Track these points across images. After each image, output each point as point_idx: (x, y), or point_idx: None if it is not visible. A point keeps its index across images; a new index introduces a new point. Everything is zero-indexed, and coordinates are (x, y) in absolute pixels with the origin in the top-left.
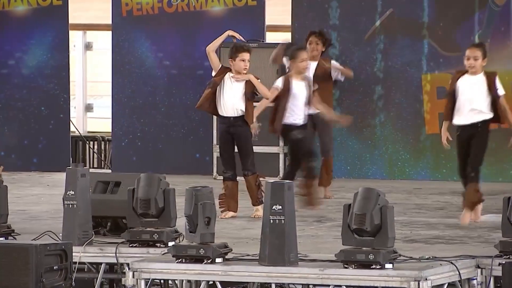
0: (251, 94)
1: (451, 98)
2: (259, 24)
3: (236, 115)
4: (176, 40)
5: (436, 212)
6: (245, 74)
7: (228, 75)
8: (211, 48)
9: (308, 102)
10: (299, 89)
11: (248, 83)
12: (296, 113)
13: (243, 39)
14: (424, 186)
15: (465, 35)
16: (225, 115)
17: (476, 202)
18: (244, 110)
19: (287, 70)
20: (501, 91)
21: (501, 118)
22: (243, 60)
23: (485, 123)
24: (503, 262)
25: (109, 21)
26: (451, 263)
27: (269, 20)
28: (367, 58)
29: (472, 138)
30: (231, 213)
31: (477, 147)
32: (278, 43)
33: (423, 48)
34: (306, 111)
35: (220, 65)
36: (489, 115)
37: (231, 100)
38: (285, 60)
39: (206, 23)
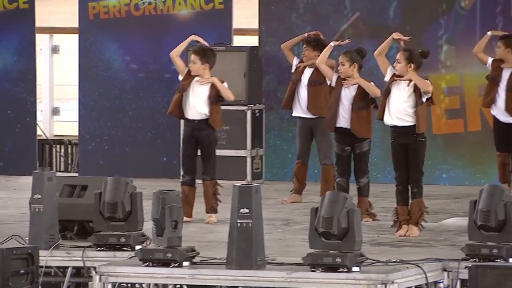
0: (215, 98)
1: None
2: (226, 27)
3: (200, 119)
4: (143, 43)
5: None
6: (209, 77)
7: (195, 79)
8: (175, 53)
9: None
10: None
11: (213, 87)
12: None
13: (206, 44)
14: (391, 189)
15: (431, 39)
16: (189, 118)
17: None
18: (208, 113)
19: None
20: None
21: None
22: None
23: None
24: (469, 265)
25: (76, 24)
26: (418, 266)
27: (236, 23)
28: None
29: None
30: (184, 218)
31: None
32: (245, 47)
33: (390, 50)
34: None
35: (186, 69)
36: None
37: (195, 103)
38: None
39: (173, 27)
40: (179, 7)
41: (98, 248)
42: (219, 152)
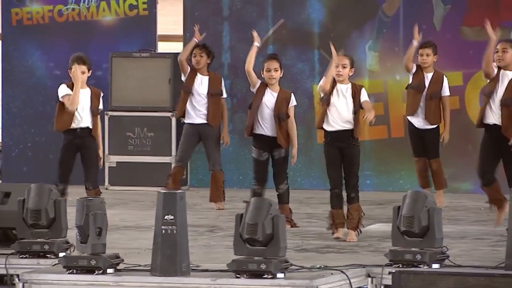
0: (96, 109)
1: None
2: (150, 34)
3: (83, 127)
4: (67, 50)
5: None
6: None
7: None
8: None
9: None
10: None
11: (93, 98)
12: None
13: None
14: (315, 195)
15: (355, 46)
16: (74, 126)
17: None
18: (90, 125)
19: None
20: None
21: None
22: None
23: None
24: (393, 271)
25: None
26: (342, 272)
27: (160, 30)
28: (259, 68)
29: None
30: None
31: None
32: (170, 53)
33: (314, 58)
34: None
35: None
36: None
37: (81, 112)
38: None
39: (97, 33)
40: (103, 13)
41: (21, 256)
42: (144, 159)
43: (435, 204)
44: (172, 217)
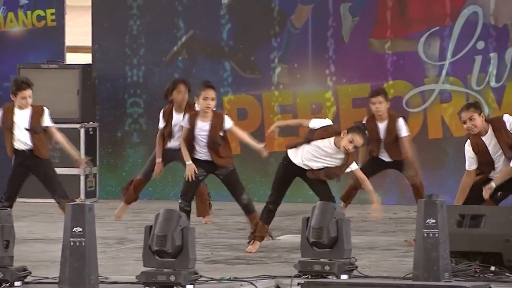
0: (36, 127)
1: None
2: (58, 45)
3: (27, 148)
4: None
5: (237, 232)
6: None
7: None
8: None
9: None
10: None
11: (34, 117)
12: None
13: None
14: (225, 207)
15: (264, 57)
16: (18, 147)
17: None
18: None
19: None
20: None
21: None
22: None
23: None
24: (302, 282)
25: None
26: (251, 283)
27: (69, 41)
28: (168, 79)
29: None
30: None
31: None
32: (79, 64)
33: (223, 69)
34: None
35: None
36: None
37: (20, 133)
38: None
39: (5, 44)
40: (10, 24)
41: None
42: None
43: (344, 215)
44: (81, 229)
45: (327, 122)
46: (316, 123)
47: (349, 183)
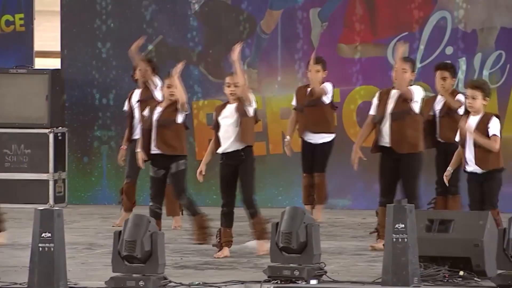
0: None
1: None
2: (27, 50)
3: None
4: None
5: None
6: None
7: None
8: None
9: None
10: None
11: None
12: None
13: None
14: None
15: None
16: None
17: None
18: None
19: None
20: None
21: None
22: None
23: None
24: (271, 287)
25: None
26: None
27: (38, 46)
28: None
29: None
30: None
31: None
32: (47, 69)
33: (193, 75)
34: None
35: None
36: None
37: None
38: None
39: None
40: None
41: None
42: (20, 176)
43: (313, 220)
44: (50, 235)
45: None
46: None
47: (302, 184)
